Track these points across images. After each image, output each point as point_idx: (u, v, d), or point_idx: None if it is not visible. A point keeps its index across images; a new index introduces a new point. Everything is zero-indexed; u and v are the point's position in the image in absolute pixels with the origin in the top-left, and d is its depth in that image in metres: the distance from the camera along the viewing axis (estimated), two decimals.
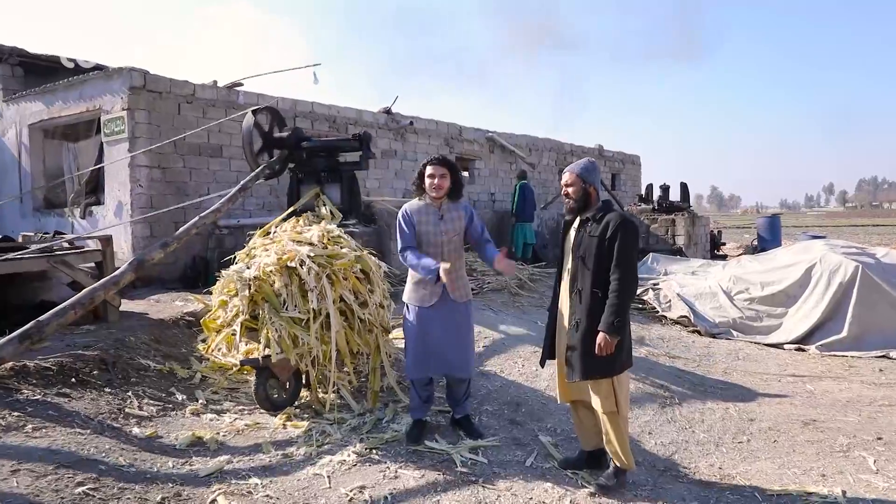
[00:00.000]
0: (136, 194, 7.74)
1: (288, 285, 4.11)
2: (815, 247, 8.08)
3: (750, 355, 6.68)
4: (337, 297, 4.21)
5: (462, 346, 3.83)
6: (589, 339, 3.23)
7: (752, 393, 5.37)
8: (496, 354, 5.28)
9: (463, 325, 3.84)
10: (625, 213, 3.23)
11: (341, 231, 4.60)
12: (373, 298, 4.39)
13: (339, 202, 6.65)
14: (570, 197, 3.37)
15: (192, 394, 4.55)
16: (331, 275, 4.20)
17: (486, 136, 13.14)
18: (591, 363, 3.25)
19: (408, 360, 3.91)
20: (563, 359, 3.44)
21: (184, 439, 3.68)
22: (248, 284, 4.09)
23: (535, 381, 4.83)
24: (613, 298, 3.16)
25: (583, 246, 3.29)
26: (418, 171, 3.86)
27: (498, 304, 6.89)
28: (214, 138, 8.48)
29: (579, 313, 3.28)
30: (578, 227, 3.36)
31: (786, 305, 7.44)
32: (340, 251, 4.27)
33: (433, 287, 3.74)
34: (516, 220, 11.55)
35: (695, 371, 5.88)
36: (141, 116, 7.75)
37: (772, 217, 16.26)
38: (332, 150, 6.76)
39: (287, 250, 4.18)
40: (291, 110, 9.46)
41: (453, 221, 3.81)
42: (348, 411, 4.32)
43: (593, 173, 3.38)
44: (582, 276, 3.28)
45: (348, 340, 4.29)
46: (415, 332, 3.81)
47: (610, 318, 3.15)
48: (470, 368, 3.90)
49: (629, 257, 3.20)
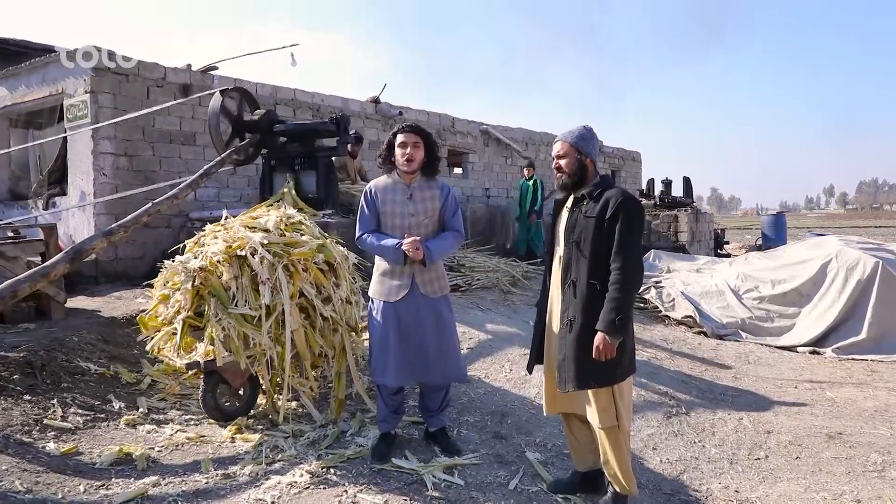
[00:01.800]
0: (99, 184, 7.18)
1: (238, 277, 3.56)
2: (829, 243, 7.54)
3: (761, 359, 6.14)
4: (295, 292, 3.67)
5: (442, 348, 3.28)
6: (585, 341, 2.70)
7: (766, 401, 4.83)
8: (481, 357, 4.73)
9: (441, 323, 3.29)
10: (627, 190, 2.68)
11: (304, 217, 4.05)
12: (338, 293, 3.84)
13: (315, 191, 6.13)
14: (563, 171, 2.83)
15: (134, 401, 4.01)
16: (288, 265, 3.65)
17: (481, 128, 12.61)
18: (588, 369, 2.70)
19: (372, 363, 3.38)
20: (553, 364, 2.90)
21: (107, 456, 3.13)
22: (193, 276, 3.55)
23: (523, 387, 4.28)
24: (614, 292, 2.62)
25: (577, 229, 2.74)
26: (387, 142, 3.33)
27: (487, 302, 6.35)
28: (187, 125, 7.94)
29: (573, 309, 2.74)
30: (572, 207, 2.82)
31: (799, 305, 6.89)
32: (300, 239, 3.72)
33: (401, 277, 3.20)
34: (538, 216, 10.73)
35: (702, 376, 5.33)
36: (105, 100, 7.20)
37: (777, 215, 15.75)
38: (307, 134, 6.22)
39: (237, 237, 3.63)
40: (272, 97, 8.92)
41: (425, 202, 3.27)
42: (309, 422, 3.78)
43: (590, 142, 2.84)
44: (576, 264, 2.74)
45: (309, 341, 3.74)
46: (380, 332, 3.28)
47: (610, 316, 2.61)
48: (452, 372, 3.35)
49: (633, 242, 2.66)
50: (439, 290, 3.31)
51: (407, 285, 3.23)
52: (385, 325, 3.26)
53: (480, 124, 12.65)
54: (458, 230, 3.35)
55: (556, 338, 2.86)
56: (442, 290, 3.33)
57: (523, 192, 10.73)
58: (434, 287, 3.28)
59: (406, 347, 3.24)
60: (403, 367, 3.25)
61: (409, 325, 3.24)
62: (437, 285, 3.30)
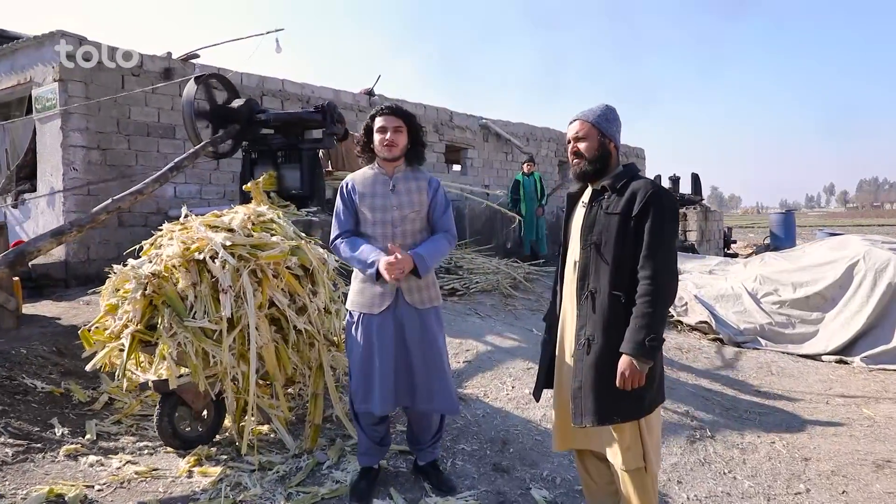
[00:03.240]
0: (69, 179, 6.67)
1: (196, 285, 3.07)
2: (852, 242, 7.03)
3: (785, 369, 5.63)
4: (264, 301, 3.17)
5: (430, 370, 2.77)
6: (606, 366, 2.20)
7: (798, 420, 4.33)
8: (480, 372, 4.22)
9: (428, 339, 2.79)
10: (657, 181, 2.17)
11: (277, 214, 3.55)
12: (315, 302, 3.34)
13: (299, 186, 5.63)
14: (582, 156, 2.31)
15: (83, 425, 3.51)
16: (256, 271, 3.15)
17: (480, 122, 12.09)
18: (610, 401, 2.21)
19: (351, 387, 2.87)
20: (565, 391, 2.40)
21: (33, 499, 2.62)
22: (144, 283, 3.04)
23: (527, 407, 3.78)
24: (644, 306, 2.12)
25: (597, 228, 2.24)
26: (364, 126, 2.83)
27: (487, 307, 5.84)
28: (166, 116, 7.42)
29: (592, 327, 2.24)
30: (591, 202, 2.32)
31: (822, 310, 6.39)
32: (270, 240, 3.21)
33: (384, 284, 2.71)
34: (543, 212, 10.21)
35: (724, 391, 4.84)
36: (76, 89, 6.68)
37: (786, 213, 15.22)
38: (290, 124, 5.72)
39: (196, 238, 3.13)
40: (258, 87, 8.42)
41: (410, 194, 2.77)
42: (281, 450, 3.28)
43: (614, 123, 2.34)
44: (596, 272, 2.24)
45: (280, 357, 3.24)
46: (360, 350, 2.78)
47: (639, 336, 2.11)
48: (445, 402, 2.82)
49: (666, 245, 2.16)
50: (428, 301, 2.81)
51: (391, 294, 2.73)
52: (366, 342, 2.77)
53: (480, 118, 12.14)
54: (449, 231, 2.85)
55: (570, 361, 2.35)
56: (431, 301, 2.82)
57: (526, 189, 10.16)
58: (423, 296, 2.78)
59: (392, 368, 2.74)
60: (389, 392, 2.74)
61: (394, 341, 2.74)
62: (425, 294, 2.80)
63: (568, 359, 2.38)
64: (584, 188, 2.39)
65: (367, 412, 2.81)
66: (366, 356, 2.77)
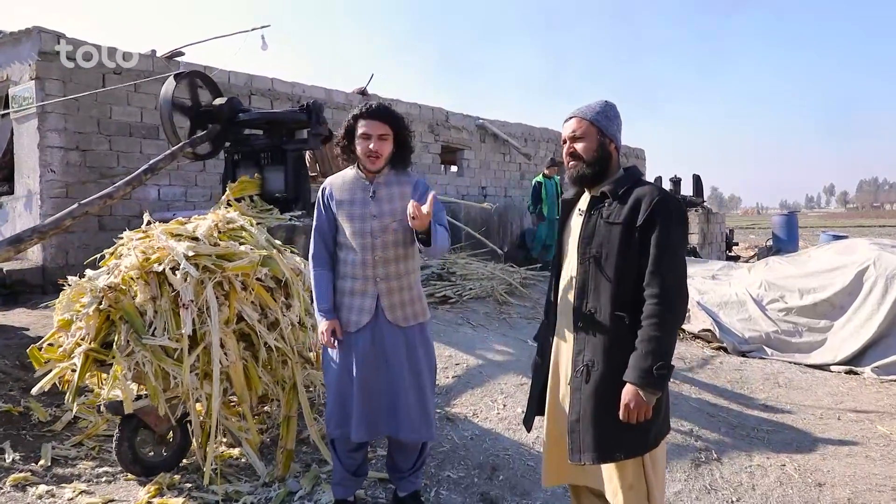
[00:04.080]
0: (46, 181, 6.40)
1: (156, 298, 2.80)
2: (860, 246, 6.77)
3: (792, 381, 5.37)
4: (232, 316, 2.91)
5: (412, 394, 2.52)
6: (608, 396, 1.95)
7: (808, 438, 4.07)
8: (469, 389, 3.96)
9: (413, 361, 2.53)
10: (662, 187, 1.91)
11: (249, 221, 3.28)
12: (288, 316, 3.08)
13: (283, 189, 5.36)
14: (580, 158, 2.05)
15: (38, 449, 3.24)
16: (223, 283, 2.89)
17: (477, 123, 11.83)
18: (612, 436, 1.95)
19: (327, 411, 2.62)
20: (558, 422, 2.14)
21: None
22: (100, 297, 2.78)
23: (519, 429, 3.51)
24: (652, 329, 1.86)
25: (597, 239, 1.98)
26: (345, 126, 2.58)
27: (480, 316, 5.57)
28: (149, 117, 7.15)
29: (591, 351, 1.98)
30: (589, 210, 2.06)
31: (831, 317, 6.12)
32: (238, 250, 2.95)
33: (363, 297, 2.47)
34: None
35: (729, 405, 4.57)
36: (53, 87, 6.42)
37: (788, 215, 14.94)
38: (274, 124, 5.46)
39: (157, 248, 2.87)
40: (246, 87, 8.15)
41: (392, 201, 2.52)
42: (252, 477, 3.02)
43: (614, 122, 2.08)
44: (596, 289, 1.98)
45: (250, 377, 2.98)
46: (335, 370, 2.53)
47: (646, 363, 1.86)
48: (425, 429, 2.57)
49: (675, 259, 1.91)
50: (412, 317, 2.55)
51: (370, 309, 2.48)
52: (342, 362, 2.52)
53: (477, 118, 11.88)
54: (445, 227, 2.56)
55: (566, 389, 2.09)
56: (416, 317, 2.57)
57: (549, 192, 9.94)
58: (406, 312, 2.53)
59: (369, 392, 2.48)
60: (366, 417, 2.49)
61: (374, 361, 2.49)
62: (409, 310, 2.54)
63: (563, 386, 2.12)
64: (581, 194, 2.13)
65: (344, 438, 2.55)
66: (342, 377, 2.52)
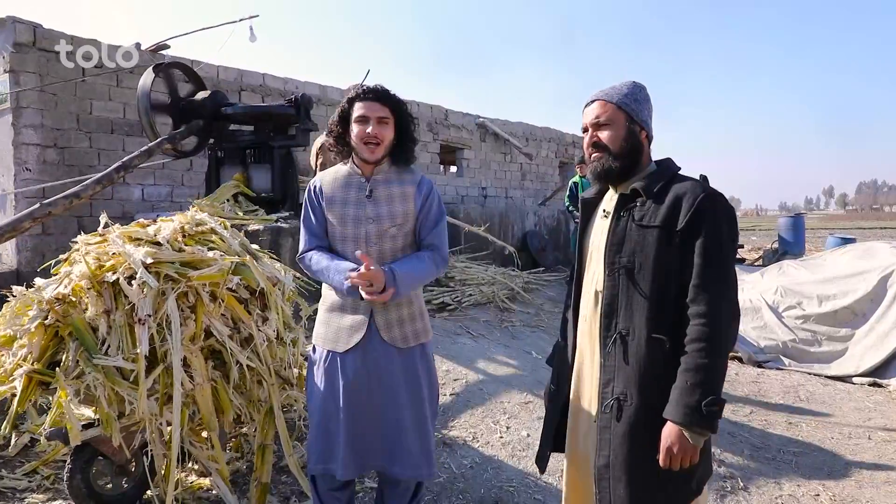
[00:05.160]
0: (21, 180, 6.04)
1: (111, 312, 2.45)
2: (881, 251, 6.42)
3: (814, 394, 5.03)
4: (199, 331, 2.55)
5: (411, 426, 2.17)
6: (644, 437, 1.60)
7: (840, 462, 3.72)
8: (469, 408, 3.59)
9: (413, 388, 2.18)
10: (707, 183, 1.54)
11: (222, 223, 2.92)
12: (264, 330, 2.72)
13: (270, 188, 5.02)
14: (604, 149, 1.70)
15: None
16: (188, 294, 2.53)
17: (477, 121, 11.48)
18: (649, 487, 1.61)
19: (308, 442, 2.26)
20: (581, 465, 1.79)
21: None
22: (46, 311, 2.43)
23: (524, 456, 3.16)
24: (699, 355, 1.53)
25: (628, 247, 1.64)
26: (338, 112, 2.23)
27: (480, 324, 5.22)
28: (132, 113, 6.77)
29: (623, 382, 1.64)
30: (617, 211, 1.70)
31: (852, 326, 5.78)
32: (205, 256, 2.59)
33: (355, 313, 2.12)
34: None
35: (751, 423, 4.22)
36: (29, 81, 6.06)
37: (795, 217, 14.58)
38: (260, 119, 5.11)
39: (112, 254, 2.51)
40: (236, 82, 7.81)
41: (392, 202, 2.17)
42: None
43: (645, 106, 1.72)
44: (628, 306, 1.63)
45: (219, 401, 2.62)
46: (320, 396, 2.18)
47: (692, 397, 1.52)
48: (425, 466, 2.21)
49: (725, 270, 1.56)
50: (413, 337, 2.20)
51: (362, 327, 2.13)
52: (328, 386, 2.17)
53: (477, 117, 11.53)
54: (437, 248, 2.21)
55: (591, 426, 1.74)
56: (417, 337, 2.22)
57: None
58: (405, 331, 2.18)
59: (362, 422, 2.14)
60: (355, 451, 2.14)
61: (365, 387, 2.14)
62: (409, 329, 2.19)
63: (587, 423, 1.77)
64: (604, 192, 1.78)
65: (327, 475, 2.20)
66: (327, 405, 2.17)
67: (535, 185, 12.96)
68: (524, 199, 12.62)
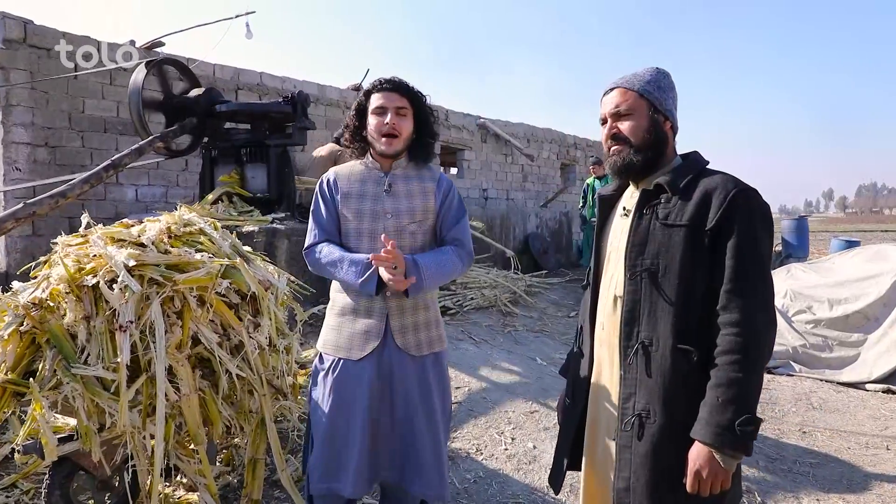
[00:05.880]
0: (11, 180, 5.89)
1: (91, 318, 2.29)
2: (892, 253, 6.27)
3: (827, 402, 4.87)
4: (186, 338, 2.39)
5: (427, 440, 2.02)
6: (670, 457, 1.44)
7: (859, 474, 3.56)
8: (472, 418, 3.44)
9: (426, 399, 2.04)
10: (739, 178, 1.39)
11: (212, 223, 2.77)
12: (255, 337, 2.56)
13: (265, 188, 4.87)
14: (625, 141, 1.55)
15: None
16: (175, 298, 2.37)
17: (478, 122, 11.33)
18: None
19: (311, 458, 2.10)
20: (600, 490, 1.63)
21: None
22: (21, 317, 2.27)
23: (530, 469, 2.99)
24: (732, 369, 1.38)
25: (652, 248, 1.48)
26: (355, 107, 2.11)
27: (483, 329, 5.06)
28: (125, 111, 6.63)
29: (646, 396, 1.49)
30: (639, 208, 1.55)
31: (864, 331, 5.63)
32: (193, 258, 2.43)
33: (369, 316, 1.99)
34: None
35: (764, 432, 4.06)
36: (18, 78, 5.91)
37: (799, 219, 14.39)
38: (255, 117, 4.97)
39: (92, 256, 2.35)
40: (233, 81, 7.65)
41: (411, 197, 2.05)
42: None
43: (669, 94, 1.57)
44: (651, 313, 1.48)
45: (208, 412, 2.47)
46: (328, 408, 2.03)
47: (724, 416, 1.37)
48: (439, 484, 2.05)
49: (762, 273, 1.41)
50: (427, 345, 2.06)
51: (377, 332, 1.98)
52: (338, 398, 2.02)
53: (477, 118, 11.39)
54: (462, 243, 2.09)
55: (610, 444, 1.58)
56: (431, 345, 2.08)
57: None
58: (420, 338, 2.04)
59: (371, 436, 1.98)
60: (365, 468, 1.99)
61: (378, 398, 1.99)
62: (424, 336, 2.06)
63: (605, 440, 1.61)
64: (624, 188, 1.63)
65: (331, 495, 2.04)
66: (335, 418, 2.02)
67: (536, 187, 12.81)
68: (525, 200, 12.47)
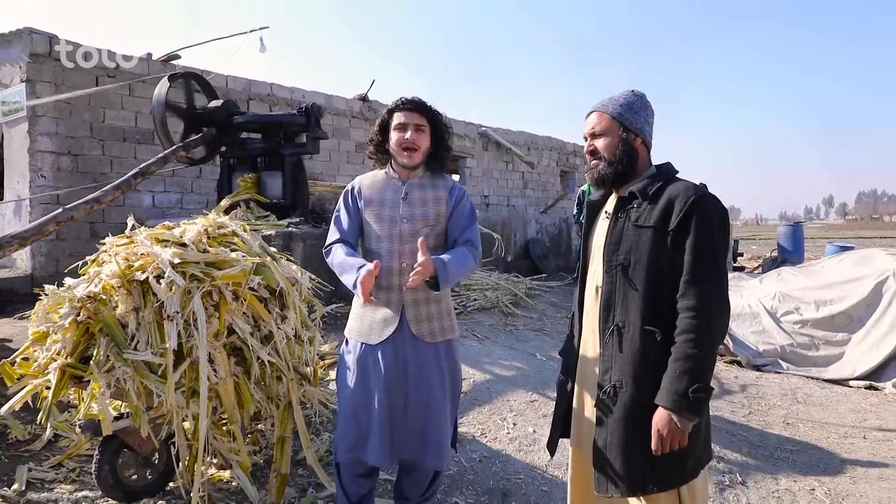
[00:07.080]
0: (36, 186, 6.21)
1: (139, 310, 2.58)
2: (877, 257, 6.56)
3: (811, 396, 5.15)
4: (222, 328, 2.68)
5: (431, 417, 2.30)
6: (638, 420, 1.73)
7: (836, 459, 3.84)
8: (477, 406, 3.72)
9: (435, 381, 2.31)
10: (700, 185, 1.69)
11: (242, 226, 3.07)
12: (283, 328, 2.85)
13: (281, 194, 5.16)
14: (600, 156, 1.85)
15: (13, 471, 3.01)
16: (212, 293, 2.67)
17: (479, 131, 11.66)
18: (643, 465, 1.73)
19: (337, 430, 2.39)
20: (585, 448, 1.92)
21: None
22: (77, 308, 2.56)
23: (531, 450, 3.28)
24: (687, 346, 1.65)
25: (625, 245, 1.78)
26: (378, 122, 2.39)
27: (485, 328, 5.35)
28: (144, 121, 6.96)
29: (619, 371, 1.77)
30: (615, 212, 1.85)
31: (848, 331, 5.90)
32: (229, 257, 2.73)
33: (388, 306, 2.28)
34: None
35: (749, 423, 4.34)
36: (44, 91, 6.24)
37: (795, 226, 14.72)
38: (271, 127, 5.26)
39: (140, 254, 2.65)
40: (245, 92, 7.98)
41: (426, 205, 2.32)
42: (243, 502, 2.79)
43: (641, 114, 1.87)
44: (624, 301, 1.77)
45: (241, 395, 2.75)
46: (353, 385, 2.31)
47: (680, 385, 1.64)
48: (446, 457, 2.36)
49: (715, 266, 1.70)
50: (440, 332, 2.33)
51: (394, 321, 2.27)
52: (360, 378, 2.30)
53: (479, 126, 11.71)
54: (473, 244, 2.35)
55: (591, 412, 1.87)
56: (444, 333, 2.34)
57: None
58: (433, 327, 2.31)
59: (396, 411, 2.27)
60: (387, 439, 2.27)
61: (394, 378, 2.27)
62: (437, 325, 2.33)
63: (589, 408, 1.90)
64: (608, 196, 1.93)
65: (356, 462, 2.32)
66: (360, 395, 2.30)
67: (536, 194, 13.11)
68: (526, 207, 12.76)
